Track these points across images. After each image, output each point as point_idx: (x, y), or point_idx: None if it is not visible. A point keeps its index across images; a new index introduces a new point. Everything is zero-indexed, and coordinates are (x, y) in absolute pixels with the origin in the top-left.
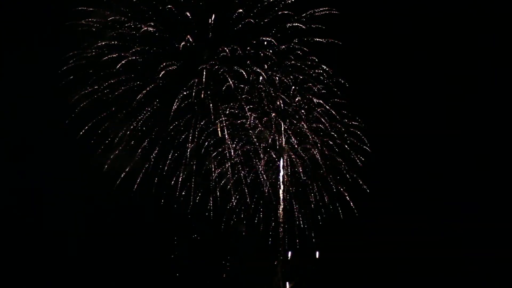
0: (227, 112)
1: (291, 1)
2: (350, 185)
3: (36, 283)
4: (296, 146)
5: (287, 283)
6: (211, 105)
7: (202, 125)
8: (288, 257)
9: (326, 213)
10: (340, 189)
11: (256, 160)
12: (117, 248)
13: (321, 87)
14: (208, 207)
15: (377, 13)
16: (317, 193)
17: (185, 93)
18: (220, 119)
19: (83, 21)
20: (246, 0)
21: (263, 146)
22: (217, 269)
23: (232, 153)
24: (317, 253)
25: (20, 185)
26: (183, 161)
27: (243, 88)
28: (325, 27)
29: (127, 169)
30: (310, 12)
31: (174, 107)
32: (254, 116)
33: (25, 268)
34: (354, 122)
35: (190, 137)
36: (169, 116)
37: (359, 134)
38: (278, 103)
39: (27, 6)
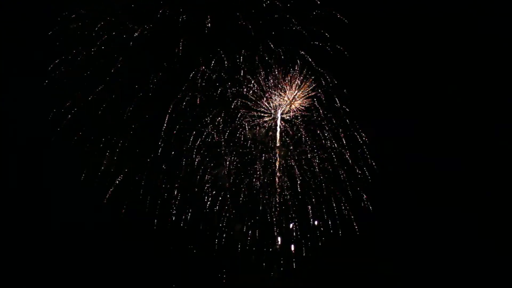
0: (222, 115)
1: (289, 5)
2: (351, 200)
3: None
4: (292, 148)
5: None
6: (206, 109)
7: (197, 128)
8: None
9: (324, 228)
10: (340, 201)
11: (252, 167)
12: (110, 258)
13: (319, 91)
14: (204, 212)
15: (382, 18)
16: (315, 204)
17: (179, 96)
18: (215, 123)
19: (75, 24)
20: (244, 2)
21: (259, 149)
22: (213, 281)
23: (228, 158)
24: (316, 222)
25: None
26: (181, 165)
27: (239, 91)
28: (327, 31)
29: (121, 177)
30: (311, 16)
31: (169, 111)
32: (248, 120)
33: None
34: (356, 132)
35: (185, 147)
36: (164, 121)
37: (361, 144)
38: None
39: (17, 7)
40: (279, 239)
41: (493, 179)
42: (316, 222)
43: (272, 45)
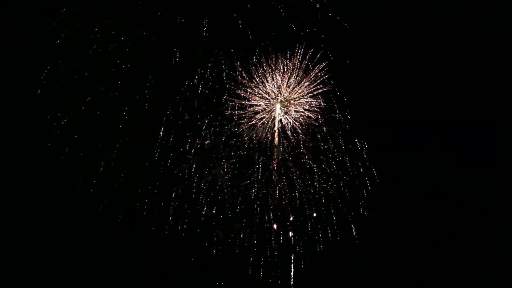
0: (220, 117)
1: (288, 7)
2: (350, 203)
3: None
4: (289, 150)
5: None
6: (204, 111)
7: (195, 130)
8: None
9: (323, 231)
10: (338, 205)
11: (250, 168)
12: (109, 259)
13: (319, 97)
14: (202, 214)
15: (381, 17)
16: (313, 206)
17: (178, 98)
18: (213, 125)
19: (75, 25)
20: (243, 4)
21: (257, 150)
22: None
23: (226, 160)
24: (315, 214)
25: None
26: (179, 166)
27: (236, 93)
28: (325, 32)
29: (119, 178)
30: (312, 18)
31: (167, 112)
32: (246, 121)
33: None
34: (354, 134)
35: (182, 149)
36: (161, 123)
37: (360, 145)
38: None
39: (17, 7)
40: (273, 227)
41: (493, 179)
42: (314, 214)
43: (270, 47)
